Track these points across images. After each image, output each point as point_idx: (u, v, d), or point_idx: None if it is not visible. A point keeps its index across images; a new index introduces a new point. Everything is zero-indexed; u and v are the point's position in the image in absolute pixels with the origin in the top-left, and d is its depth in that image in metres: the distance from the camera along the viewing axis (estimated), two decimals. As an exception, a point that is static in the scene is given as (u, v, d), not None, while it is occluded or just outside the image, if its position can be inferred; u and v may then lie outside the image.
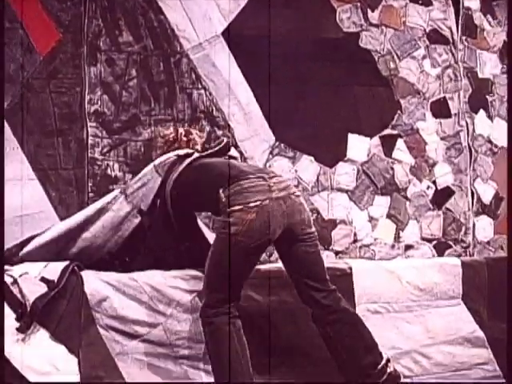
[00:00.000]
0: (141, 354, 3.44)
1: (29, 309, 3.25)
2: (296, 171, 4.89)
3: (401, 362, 3.77)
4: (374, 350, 3.43)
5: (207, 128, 4.73)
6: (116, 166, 4.59)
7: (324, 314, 3.37)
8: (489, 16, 5.60)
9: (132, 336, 3.45)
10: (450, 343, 3.94)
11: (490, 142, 5.52)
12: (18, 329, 3.24)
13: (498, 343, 3.86)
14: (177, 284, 3.52)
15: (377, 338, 3.60)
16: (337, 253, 4.88)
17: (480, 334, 3.98)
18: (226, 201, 3.26)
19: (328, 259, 4.66)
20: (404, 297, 3.93)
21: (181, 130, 4.08)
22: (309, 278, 3.39)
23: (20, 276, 3.32)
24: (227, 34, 4.79)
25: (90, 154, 4.55)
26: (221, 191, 3.29)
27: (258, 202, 3.24)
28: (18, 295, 3.28)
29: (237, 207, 3.22)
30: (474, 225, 5.34)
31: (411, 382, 2.58)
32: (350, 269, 3.87)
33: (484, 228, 5.38)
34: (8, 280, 3.28)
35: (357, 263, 4.03)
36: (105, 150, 4.57)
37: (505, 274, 3.92)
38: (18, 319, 3.24)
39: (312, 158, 4.97)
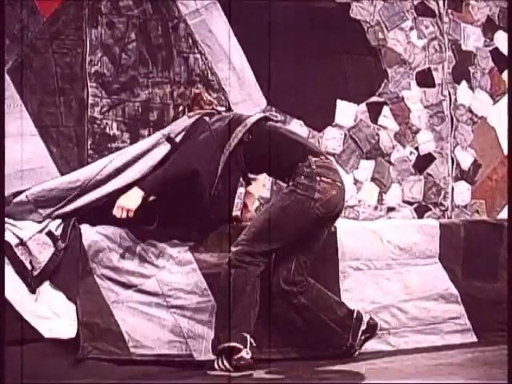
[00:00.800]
0: (135, 303, 3.55)
1: (40, 271, 3.39)
2: None
3: (379, 316, 3.88)
4: (342, 304, 3.68)
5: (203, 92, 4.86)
6: (114, 125, 4.79)
7: (299, 286, 3.56)
8: (474, -9, 5.86)
9: (127, 286, 3.56)
10: (425, 299, 4.06)
11: (470, 111, 5.74)
12: (29, 290, 3.36)
13: (470, 299, 4.07)
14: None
15: (358, 293, 3.87)
16: None
17: (454, 291, 4.10)
18: (315, 169, 3.50)
19: None
20: (384, 255, 4.03)
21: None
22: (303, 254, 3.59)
23: (30, 238, 3.41)
24: (224, 0, 4.95)
25: (89, 113, 4.74)
26: (312, 158, 3.54)
27: (341, 184, 3.59)
28: (23, 256, 3.39)
29: (326, 179, 3.49)
30: (452, 189, 5.57)
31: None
32: (335, 228, 3.93)
33: (462, 193, 5.62)
34: (13, 241, 3.39)
35: (341, 223, 4.07)
36: (104, 109, 4.76)
37: (480, 235, 4.20)
38: (27, 282, 3.38)
39: (302, 122, 5.15)
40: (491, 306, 4.05)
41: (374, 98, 5.40)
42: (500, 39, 5.93)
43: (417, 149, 5.53)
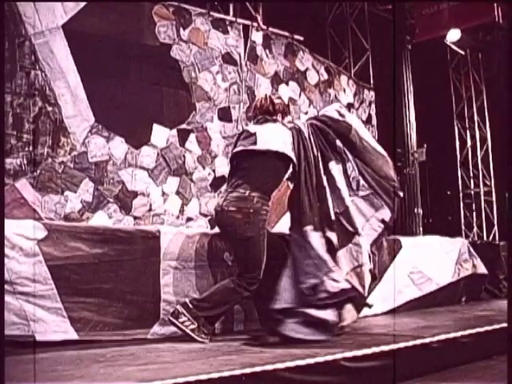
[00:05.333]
0: (-14, 288, 3.61)
1: None
2: (109, 149, 5.60)
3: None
4: None
5: (39, 103, 5.30)
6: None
7: None
8: (267, 50, 6.98)
9: (-21, 273, 3.64)
10: None
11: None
12: None
13: (259, 296, 4.22)
14: (21, 232, 3.69)
15: (174, 287, 4.17)
16: (135, 218, 5.70)
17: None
18: None
19: (129, 223, 5.56)
20: (197, 257, 4.31)
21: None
22: None
23: None
24: (66, 26, 5.40)
25: None
26: None
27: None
28: None
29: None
30: None
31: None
32: (159, 232, 4.18)
33: None
34: None
35: (164, 228, 4.33)
36: None
37: (270, 246, 4.25)
38: None
39: (123, 139, 5.71)
40: (273, 300, 4.14)
41: (184, 126, 6.15)
42: (282, 90, 7.17)
43: (214, 171, 6.37)
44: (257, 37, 6.94)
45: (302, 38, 7.65)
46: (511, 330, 2.44)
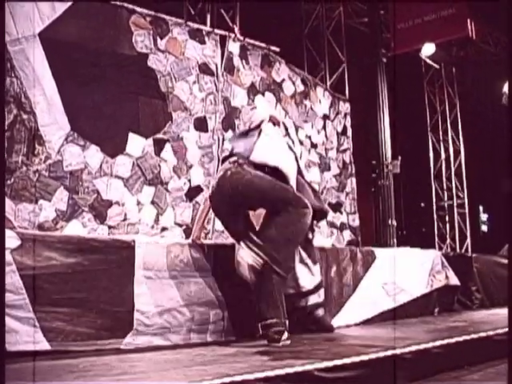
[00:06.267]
0: None
1: None
2: (84, 157, 5.56)
3: (163, 317, 4.22)
4: None
5: (15, 111, 5.24)
6: None
7: None
8: (244, 60, 7.02)
9: None
10: (200, 305, 4.42)
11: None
12: None
13: (232, 306, 4.49)
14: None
15: (148, 297, 4.16)
16: (110, 227, 5.64)
17: (222, 298, 4.53)
18: None
19: (103, 232, 5.52)
20: (171, 267, 4.35)
21: None
22: None
23: None
24: (43, 34, 5.35)
25: None
26: None
27: None
28: None
29: None
30: (214, 217, 6.05)
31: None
32: (134, 242, 4.17)
33: None
34: None
35: (139, 238, 4.47)
36: None
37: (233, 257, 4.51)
38: None
39: (98, 148, 5.66)
40: (248, 312, 4.41)
41: (160, 135, 6.13)
42: (258, 100, 7.22)
43: (189, 181, 6.35)
44: (234, 47, 6.96)
45: (278, 50, 7.68)
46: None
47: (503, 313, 6.45)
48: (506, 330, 4.45)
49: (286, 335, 4.05)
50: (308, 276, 4.75)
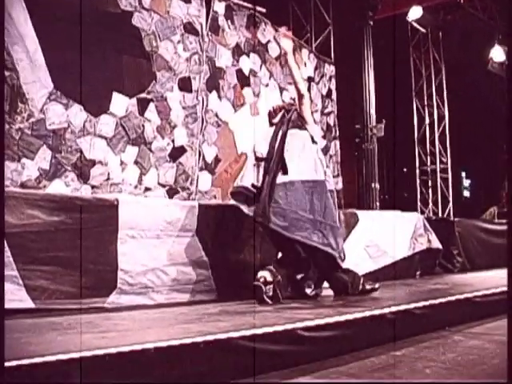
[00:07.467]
0: None
1: None
2: (68, 116, 5.47)
3: (147, 277, 4.27)
4: None
5: None
6: None
7: None
8: (229, 21, 6.94)
9: None
10: (183, 264, 4.49)
11: (216, 116, 6.81)
12: None
13: (216, 266, 4.61)
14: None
15: (131, 256, 4.17)
16: (93, 187, 5.59)
17: (205, 259, 4.59)
18: None
19: (86, 192, 5.45)
20: (154, 227, 4.36)
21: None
22: None
23: None
24: None
25: None
26: None
27: None
28: None
29: None
30: (197, 177, 6.49)
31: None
32: (117, 201, 4.19)
33: (204, 181, 6.61)
34: None
35: (122, 197, 4.38)
36: None
37: (227, 216, 4.78)
38: None
39: (82, 107, 5.57)
40: (232, 272, 4.64)
41: (143, 95, 6.05)
42: (244, 61, 7.16)
43: (173, 141, 6.30)
44: (219, 7, 6.87)
45: (264, 10, 7.60)
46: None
47: (484, 276, 6.62)
48: (486, 292, 4.67)
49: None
50: None
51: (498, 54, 11.67)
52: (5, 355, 2.07)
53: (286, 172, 4.39)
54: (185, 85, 6.43)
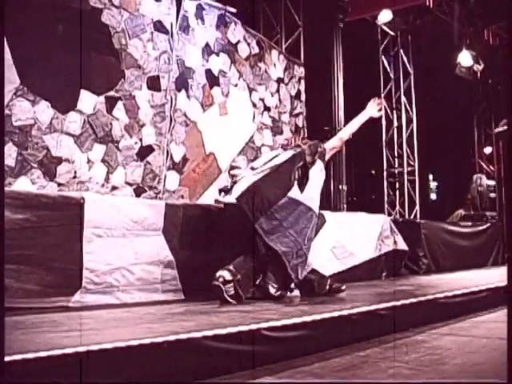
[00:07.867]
0: None
1: None
2: (34, 112, 5.40)
3: (112, 276, 4.24)
4: None
5: None
6: None
7: None
8: (199, 20, 6.93)
9: None
10: (150, 264, 4.48)
11: (185, 115, 6.79)
12: None
13: (182, 266, 4.59)
14: None
15: (97, 255, 4.15)
16: (59, 184, 5.54)
17: (171, 258, 4.60)
18: None
19: (52, 189, 5.38)
20: (121, 226, 4.34)
21: None
22: None
23: None
24: None
25: None
26: None
27: None
28: None
29: None
30: (165, 177, 6.47)
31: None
32: (83, 199, 4.15)
33: (172, 180, 6.59)
34: None
35: (88, 195, 4.31)
36: None
37: (194, 216, 4.78)
38: None
39: (49, 104, 5.50)
40: (198, 272, 4.57)
41: (112, 93, 6.00)
42: (213, 61, 7.15)
43: (141, 140, 6.28)
44: (189, 6, 6.84)
45: (234, 10, 7.60)
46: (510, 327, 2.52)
47: (448, 277, 6.71)
48: (452, 293, 4.75)
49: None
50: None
51: (465, 58, 11.84)
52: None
53: (302, 191, 4.64)
54: (153, 83, 6.40)
